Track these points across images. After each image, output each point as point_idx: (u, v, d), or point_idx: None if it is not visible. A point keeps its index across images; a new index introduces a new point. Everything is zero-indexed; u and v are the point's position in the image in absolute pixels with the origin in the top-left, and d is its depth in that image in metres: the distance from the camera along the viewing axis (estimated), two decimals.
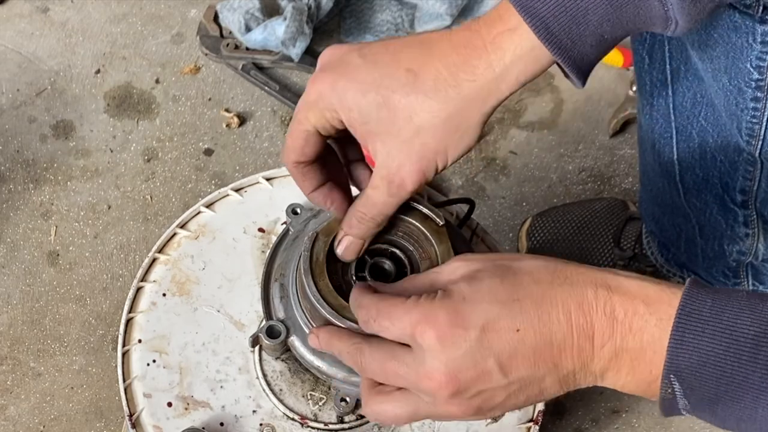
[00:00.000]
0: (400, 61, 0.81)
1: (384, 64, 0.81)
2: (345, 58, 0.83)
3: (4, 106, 1.69)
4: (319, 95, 0.83)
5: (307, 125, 0.85)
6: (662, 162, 1.27)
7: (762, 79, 0.99)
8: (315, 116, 0.84)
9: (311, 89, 0.83)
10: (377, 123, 0.81)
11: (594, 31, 0.78)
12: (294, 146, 0.86)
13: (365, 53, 0.82)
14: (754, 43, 0.96)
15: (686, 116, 1.19)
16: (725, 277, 1.37)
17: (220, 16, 1.75)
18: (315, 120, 0.84)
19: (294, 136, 0.86)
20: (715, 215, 1.26)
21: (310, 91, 0.83)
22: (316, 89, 0.83)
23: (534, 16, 0.77)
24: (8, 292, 1.52)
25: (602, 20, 0.77)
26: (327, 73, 0.83)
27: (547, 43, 0.78)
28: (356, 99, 0.81)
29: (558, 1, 0.77)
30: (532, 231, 1.54)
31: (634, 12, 0.77)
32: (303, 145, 0.86)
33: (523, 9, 0.77)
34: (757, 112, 1.04)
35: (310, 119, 0.84)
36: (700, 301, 0.71)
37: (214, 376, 0.98)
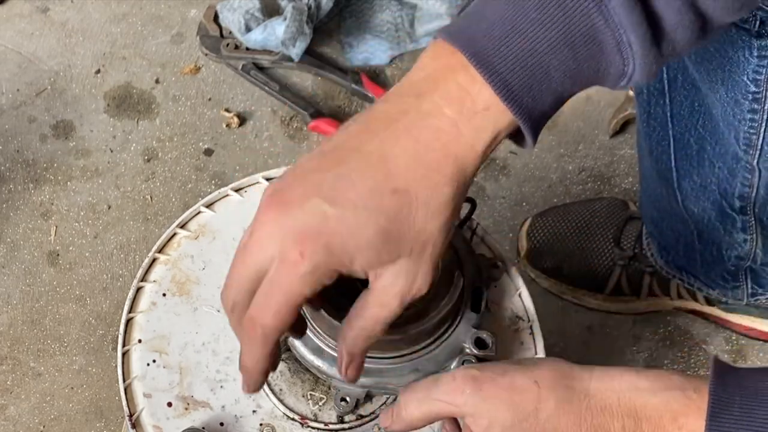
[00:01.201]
0: (380, 188, 0.72)
1: (363, 201, 0.72)
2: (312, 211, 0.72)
3: (4, 106, 1.69)
4: (314, 266, 0.72)
5: (299, 299, 0.74)
6: (660, 169, 1.27)
7: (759, 92, 1.00)
8: (309, 288, 0.74)
9: (301, 263, 0.72)
10: (385, 256, 0.73)
11: (555, 89, 0.72)
12: (279, 326, 0.75)
13: (333, 198, 0.72)
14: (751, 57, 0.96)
15: (684, 124, 1.19)
16: (724, 281, 1.37)
17: (220, 16, 1.75)
18: (309, 291, 0.74)
19: (281, 314, 0.74)
20: (713, 221, 1.26)
21: (298, 264, 0.72)
22: (309, 261, 0.72)
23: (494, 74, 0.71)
24: (8, 292, 1.52)
25: (564, 77, 0.72)
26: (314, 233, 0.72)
27: (508, 103, 0.72)
28: (358, 245, 0.72)
29: (519, 59, 0.71)
30: (532, 231, 1.54)
31: (595, 68, 0.73)
32: (289, 321, 0.75)
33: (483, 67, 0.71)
34: (755, 123, 1.04)
35: (303, 292, 0.74)
36: (728, 408, 0.68)
37: (214, 376, 0.98)
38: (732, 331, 1.51)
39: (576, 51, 0.71)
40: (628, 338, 1.52)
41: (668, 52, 0.73)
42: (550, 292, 1.53)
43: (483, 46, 0.71)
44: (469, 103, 0.72)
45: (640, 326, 1.52)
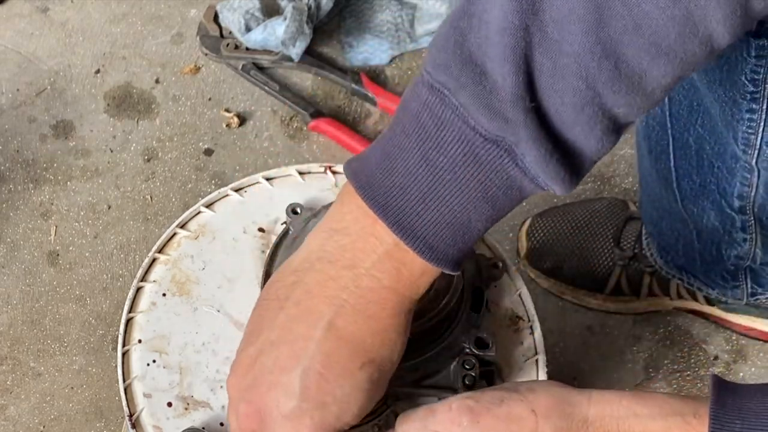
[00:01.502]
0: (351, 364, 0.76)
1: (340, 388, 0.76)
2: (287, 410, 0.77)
3: (4, 106, 1.69)
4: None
5: None
6: (659, 169, 1.27)
7: (757, 92, 1.00)
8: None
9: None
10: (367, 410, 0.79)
11: (477, 234, 0.75)
12: None
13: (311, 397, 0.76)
14: (749, 57, 0.96)
15: (683, 124, 1.19)
16: (724, 281, 1.37)
17: (220, 16, 1.75)
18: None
19: None
20: (712, 221, 1.26)
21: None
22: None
23: (420, 242, 0.73)
24: (8, 292, 1.52)
25: (486, 223, 0.74)
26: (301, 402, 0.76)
27: (438, 264, 0.74)
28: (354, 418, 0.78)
29: (439, 222, 0.73)
30: (532, 231, 1.54)
31: (515, 203, 0.75)
32: None
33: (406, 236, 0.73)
34: (753, 123, 1.04)
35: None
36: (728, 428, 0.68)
37: (214, 376, 0.98)
38: (732, 331, 1.51)
39: (495, 201, 0.73)
40: (628, 338, 1.52)
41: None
42: (550, 292, 1.53)
43: (401, 208, 0.73)
44: (406, 273, 0.75)
45: (640, 326, 1.52)
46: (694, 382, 1.48)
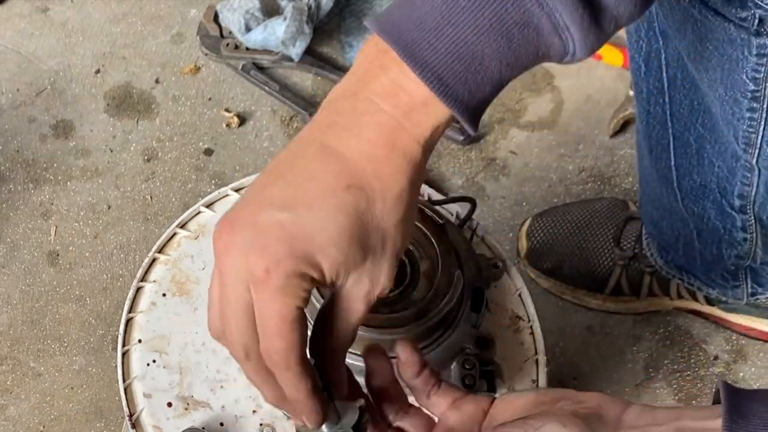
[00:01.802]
0: (333, 185, 0.71)
1: (318, 201, 0.70)
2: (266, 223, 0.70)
3: (4, 106, 1.69)
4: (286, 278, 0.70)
5: (292, 312, 0.71)
6: (659, 168, 1.27)
7: (758, 90, 1.00)
8: (295, 297, 0.71)
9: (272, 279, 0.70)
10: (351, 259, 0.71)
11: (492, 77, 0.71)
12: (295, 344, 0.71)
13: (285, 204, 0.70)
14: (750, 56, 0.96)
15: (683, 123, 1.18)
16: (724, 280, 1.37)
17: (220, 16, 1.75)
18: (296, 301, 0.71)
19: (286, 334, 0.71)
20: (713, 220, 1.26)
21: (270, 282, 0.70)
22: (280, 274, 0.70)
23: (426, 69, 0.70)
24: (8, 292, 1.52)
25: (500, 65, 0.71)
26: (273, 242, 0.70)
27: (443, 98, 0.70)
28: (325, 250, 0.70)
29: (451, 51, 0.69)
30: (532, 231, 1.54)
31: (533, 52, 0.71)
32: (303, 332, 0.72)
33: (414, 62, 0.70)
34: (754, 122, 1.04)
35: (291, 304, 0.71)
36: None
37: (214, 376, 0.98)
38: (732, 331, 1.51)
39: (511, 39, 0.70)
40: (628, 338, 1.52)
41: (611, 28, 0.71)
42: (550, 292, 1.53)
43: (413, 39, 0.70)
44: (406, 98, 0.71)
45: (640, 326, 1.52)
46: (694, 382, 1.48)
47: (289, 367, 0.71)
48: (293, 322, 0.70)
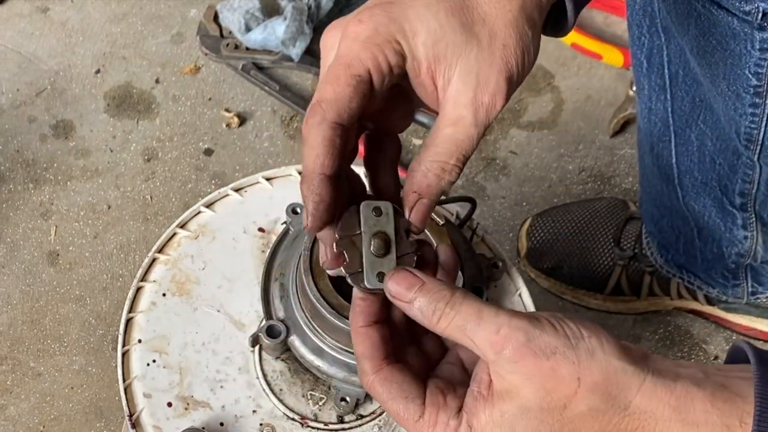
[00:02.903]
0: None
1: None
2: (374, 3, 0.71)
3: (4, 106, 1.69)
4: (374, 29, 0.68)
5: (360, 68, 0.69)
6: (661, 165, 1.27)
7: (760, 86, 0.99)
8: (370, 55, 0.69)
9: (360, 27, 0.69)
10: (451, 36, 0.69)
11: None
12: (339, 98, 0.68)
13: None
14: (753, 50, 0.96)
15: (685, 120, 1.18)
16: (724, 279, 1.37)
17: (220, 16, 1.75)
18: (371, 60, 0.69)
19: (340, 84, 0.68)
20: (713, 218, 1.26)
21: (358, 30, 0.69)
22: (369, 24, 0.69)
23: None
24: (8, 292, 1.52)
25: None
26: (374, 8, 0.70)
27: None
28: (421, 18, 0.69)
29: None
30: (532, 231, 1.54)
31: None
32: (351, 97, 0.68)
33: None
34: (756, 118, 1.04)
35: (364, 60, 0.68)
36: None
37: (214, 376, 0.98)
38: (732, 331, 1.51)
39: None
40: (628, 338, 1.52)
41: None
42: (550, 292, 1.53)
43: None
44: None
45: (640, 326, 1.52)
46: None
47: (322, 124, 0.68)
48: (353, 78, 0.68)
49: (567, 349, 0.66)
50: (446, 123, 0.71)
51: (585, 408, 0.65)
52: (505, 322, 0.66)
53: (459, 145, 0.71)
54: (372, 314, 0.71)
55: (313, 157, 0.68)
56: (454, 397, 0.69)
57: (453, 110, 0.70)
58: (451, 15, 0.69)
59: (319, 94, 0.69)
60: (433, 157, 0.71)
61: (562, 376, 0.65)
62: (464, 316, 0.67)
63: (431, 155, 0.71)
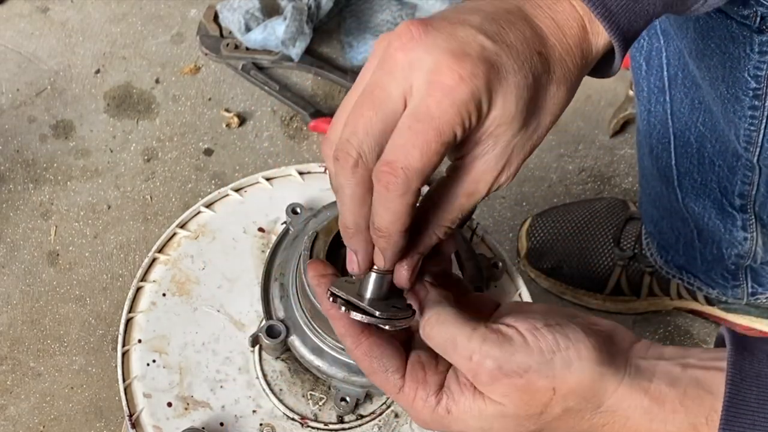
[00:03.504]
0: (530, 44, 0.68)
1: (517, 48, 0.67)
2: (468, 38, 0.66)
3: (4, 106, 1.69)
4: (472, 94, 0.65)
5: (450, 136, 0.65)
6: (660, 167, 1.27)
7: (759, 88, 1.00)
8: (460, 120, 0.65)
9: (459, 86, 0.65)
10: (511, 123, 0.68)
11: (647, 10, 0.71)
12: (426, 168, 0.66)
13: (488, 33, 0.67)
14: (752, 53, 0.96)
15: (684, 122, 1.19)
16: (724, 280, 1.37)
17: (220, 16, 1.75)
18: (459, 127, 0.65)
19: (430, 152, 0.65)
20: (713, 219, 1.26)
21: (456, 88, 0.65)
22: (469, 86, 0.65)
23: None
24: (8, 292, 1.52)
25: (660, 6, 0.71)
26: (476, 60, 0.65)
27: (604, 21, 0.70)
28: (506, 97, 0.67)
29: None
30: (532, 231, 1.54)
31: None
32: (436, 165, 0.66)
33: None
34: (755, 120, 1.04)
35: (454, 126, 0.65)
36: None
37: (214, 376, 0.98)
38: None
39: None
40: None
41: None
42: (550, 292, 1.53)
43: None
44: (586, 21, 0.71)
45: (640, 326, 1.52)
46: None
47: (408, 192, 0.66)
48: (444, 147, 0.65)
49: (541, 365, 0.69)
50: (463, 192, 0.71)
51: (560, 410, 0.69)
52: (476, 349, 0.69)
53: (464, 213, 0.72)
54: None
55: (393, 220, 0.68)
56: (434, 372, 0.73)
57: (473, 183, 0.71)
58: (525, 103, 0.68)
59: (405, 159, 0.65)
60: (441, 222, 0.72)
61: (537, 388, 0.69)
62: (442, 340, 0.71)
63: (445, 221, 0.72)
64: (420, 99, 0.65)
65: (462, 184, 0.71)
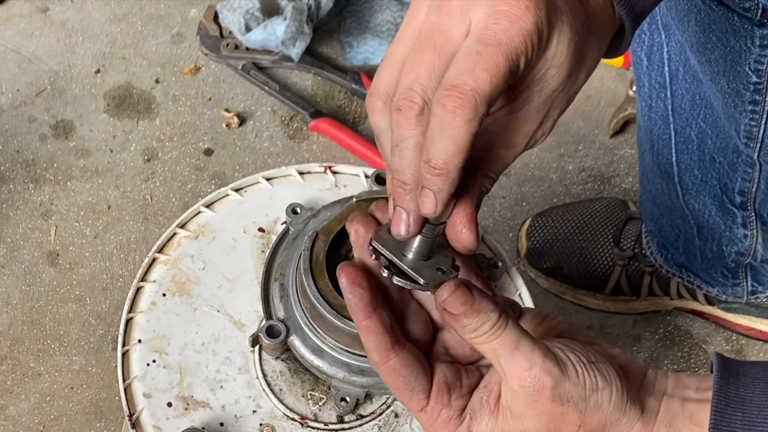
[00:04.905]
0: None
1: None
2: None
3: (4, 106, 1.69)
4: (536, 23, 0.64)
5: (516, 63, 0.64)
6: (661, 163, 1.27)
7: (760, 82, 0.99)
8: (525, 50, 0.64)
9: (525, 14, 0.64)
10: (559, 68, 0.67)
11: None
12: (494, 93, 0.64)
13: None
14: (753, 47, 0.96)
15: (685, 118, 1.19)
16: (724, 278, 1.37)
17: (220, 16, 1.75)
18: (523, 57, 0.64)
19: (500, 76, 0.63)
20: (713, 216, 1.26)
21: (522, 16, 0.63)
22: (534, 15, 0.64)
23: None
24: (8, 292, 1.52)
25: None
26: None
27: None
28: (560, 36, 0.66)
29: None
30: (532, 231, 1.54)
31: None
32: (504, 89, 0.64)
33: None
34: (756, 115, 1.04)
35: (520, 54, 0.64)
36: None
37: (214, 376, 0.98)
38: (732, 331, 1.51)
39: None
40: (628, 338, 1.52)
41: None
42: (550, 292, 1.53)
43: None
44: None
45: (640, 326, 1.52)
46: None
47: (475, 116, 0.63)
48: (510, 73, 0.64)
49: (580, 400, 0.69)
50: (502, 144, 0.70)
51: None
52: (538, 362, 0.69)
53: (504, 166, 0.71)
54: (368, 306, 0.72)
55: (455, 152, 0.64)
56: (459, 396, 0.72)
57: (514, 135, 0.70)
58: (572, 49, 0.67)
59: (475, 82, 0.63)
60: (485, 171, 0.70)
61: (568, 420, 0.69)
62: (502, 343, 0.69)
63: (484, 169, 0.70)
64: (485, 27, 0.64)
65: (502, 133, 0.69)
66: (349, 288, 0.72)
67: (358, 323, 0.72)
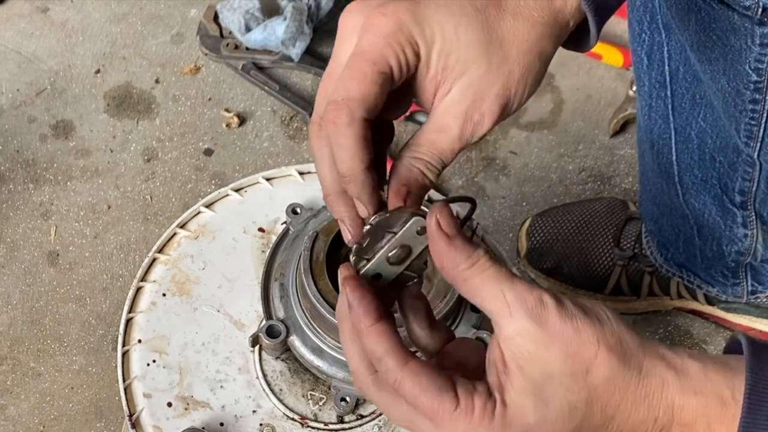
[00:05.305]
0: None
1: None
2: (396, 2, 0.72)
3: (4, 106, 1.69)
4: (398, 26, 0.70)
5: (385, 66, 0.70)
6: (661, 163, 1.27)
7: (760, 81, 0.99)
8: (393, 52, 0.70)
9: (383, 21, 0.70)
10: (464, 52, 0.71)
11: None
12: (367, 96, 0.69)
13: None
14: (753, 45, 0.96)
15: (685, 117, 1.18)
16: (724, 278, 1.37)
17: (220, 16, 1.75)
18: (394, 58, 0.70)
19: (367, 81, 0.69)
20: (713, 216, 1.26)
21: (381, 24, 0.70)
22: (392, 19, 0.70)
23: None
24: (8, 292, 1.52)
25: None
26: (399, 3, 0.71)
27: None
28: (442, 26, 0.71)
29: None
30: (532, 231, 1.54)
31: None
32: (377, 94, 0.70)
33: None
34: (756, 114, 1.04)
35: (388, 57, 0.70)
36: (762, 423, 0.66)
37: (214, 376, 0.98)
38: (732, 331, 1.51)
39: None
40: None
41: None
42: None
43: None
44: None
45: (640, 326, 1.52)
46: None
47: (352, 123, 0.69)
48: (379, 75, 0.70)
49: (584, 315, 0.67)
50: (432, 129, 0.73)
51: (607, 372, 0.66)
52: (535, 287, 0.69)
53: (440, 153, 0.73)
54: (376, 310, 0.69)
55: (350, 156, 0.70)
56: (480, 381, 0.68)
57: (442, 119, 0.73)
58: (471, 30, 0.71)
59: (345, 92, 0.70)
60: (416, 154, 0.73)
61: (584, 339, 0.66)
62: (499, 270, 0.69)
63: (413, 153, 0.73)
64: (357, 44, 0.71)
65: (431, 119, 0.73)
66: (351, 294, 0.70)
67: (364, 327, 0.68)
